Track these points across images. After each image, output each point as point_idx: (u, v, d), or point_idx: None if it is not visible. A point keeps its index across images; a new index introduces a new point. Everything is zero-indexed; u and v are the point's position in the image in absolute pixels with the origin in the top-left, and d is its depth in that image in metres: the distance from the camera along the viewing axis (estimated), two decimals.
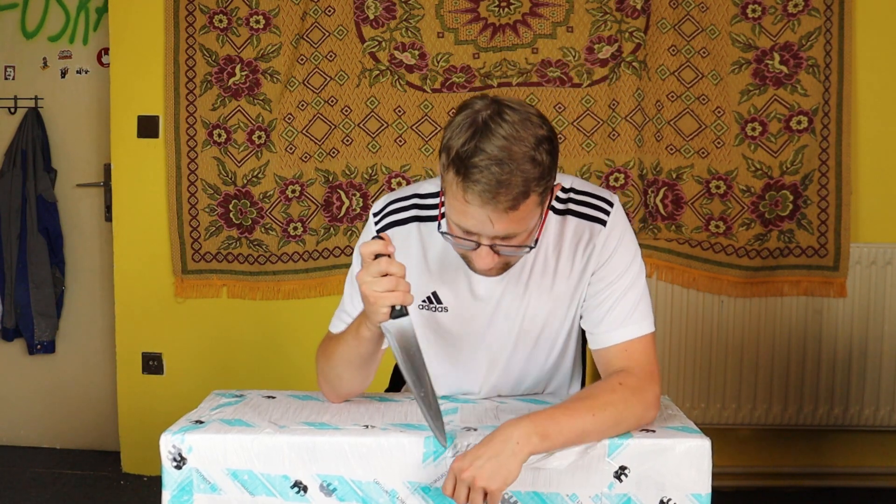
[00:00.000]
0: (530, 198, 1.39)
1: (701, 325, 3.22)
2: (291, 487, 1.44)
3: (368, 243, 1.41)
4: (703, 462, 1.43)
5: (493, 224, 1.39)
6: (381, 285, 1.39)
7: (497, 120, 1.38)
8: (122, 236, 3.42)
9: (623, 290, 1.58)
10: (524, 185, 1.36)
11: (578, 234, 1.60)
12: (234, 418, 1.53)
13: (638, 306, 1.58)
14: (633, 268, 1.60)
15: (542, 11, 3.21)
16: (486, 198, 1.36)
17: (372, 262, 1.40)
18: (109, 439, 3.66)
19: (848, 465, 3.32)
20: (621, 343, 1.57)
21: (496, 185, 1.35)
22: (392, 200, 1.69)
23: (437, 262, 1.64)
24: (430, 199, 1.66)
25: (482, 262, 1.45)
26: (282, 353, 3.40)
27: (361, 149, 3.27)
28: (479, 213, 1.38)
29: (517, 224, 1.41)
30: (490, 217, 1.38)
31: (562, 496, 1.43)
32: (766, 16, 3.15)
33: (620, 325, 1.57)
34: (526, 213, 1.40)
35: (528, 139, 1.37)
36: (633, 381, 1.51)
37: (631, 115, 3.17)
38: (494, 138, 1.36)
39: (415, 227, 1.65)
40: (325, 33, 3.25)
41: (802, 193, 3.17)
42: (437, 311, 1.66)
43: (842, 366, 3.19)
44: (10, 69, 3.66)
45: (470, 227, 1.41)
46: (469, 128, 1.38)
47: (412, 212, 1.66)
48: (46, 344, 3.69)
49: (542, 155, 1.38)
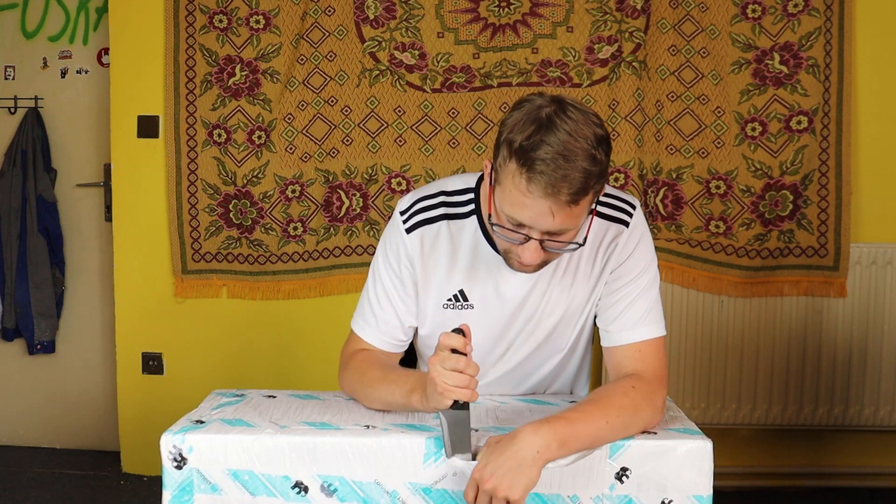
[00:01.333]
0: (588, 195, 1.41)
1: (701, 325, 3.22)
2: (292, 488, 1.44)
3: (448, 336, 1.40)
4: (705, 463, 1.43)
5: (554, 217, 1.40)
6: (453, 379, 1.39)
7: (561, 116, 1.40)
8: (122, 236, 3.42)
9: (640, 290, 1.61)
10: (584, 182, 1.39)
11: (601, 234, 1.62)
12: (234, 418, 1.53)
13: (653, 308, 1.62)
14: (651, 270, 1.64)
15: (542, 11, 3.21)
16: (549, 190, 1.37)
17: (450, 356, 1.39)
18: (109, 439, 3.66)
19: (848, 465, 3.32)
20: (635, 343, 1.59)
21: (560, 178, 1.37)
22: (419, 198, 1.69)
23: (465, 260, 1.65)
24: (457, 196, 1.67)
25: (529, 256, 1.46)
26: (282, 352, 3.40)
27: (361, 149, 3.27)
28: (539, 205, 1.39)
29: (573, 220, 1.43)
30: (551, 209, 1.39)
31: (563, 497, 1.43)
32: (766, 16, 3.15)
33: (635, 325, 1.60)
34: (582, 210, 1.43)
35: (590, 137, 1.40)
36: (644, 386, 1.52)
37: (631, 115, 3.17)
38: (559, 133, 1.38)
39: (444, 225, 1.66)
40: (325, 33, 3.25)
41: (802, 193, 3.17)
42: (463, 310, 1.67)
43: (842, 366, 3.19)
44: (10, 69, 3.66)
45: (525, 219, 1.42)
46: (532, 122, 1.40)
47: (441, 210, 1.66)
48: (46, 344, 3.69)
49: (601, 154, 1.41)
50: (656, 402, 1.52)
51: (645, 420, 1.49)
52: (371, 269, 1.73)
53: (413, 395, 1.51)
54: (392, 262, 1.68)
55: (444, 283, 1.66)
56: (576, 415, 1.42)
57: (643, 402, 1.49)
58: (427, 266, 1.66)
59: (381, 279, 1.70)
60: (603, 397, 1.48)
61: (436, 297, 1.67)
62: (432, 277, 1.66)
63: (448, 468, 1.42)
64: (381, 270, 1.70)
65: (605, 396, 1.48)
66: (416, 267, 1.66)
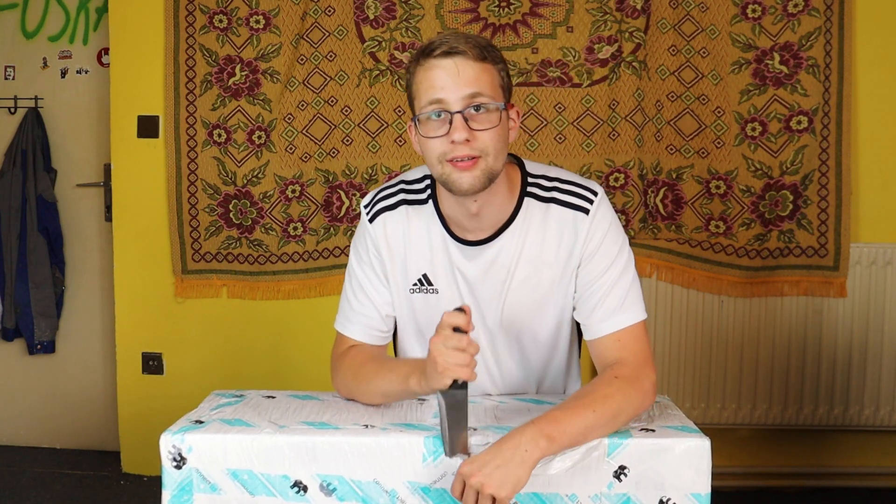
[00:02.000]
0: (490, 64, 1.53)
1: (701, 325, 3.22)
2: (291, 487, 1.44)
3: (452, 314, 1.41)
4: (703, 462, 1.43)
5: (459, 73, 1.49)
6: (454, 358, 1.39)
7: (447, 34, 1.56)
8: (122, 236, 3.42)
9: (613, 280, 1.61)
10: (483, 50, 1.52)
11: (562, 221, 1.63)
12: (234, 418, 1.53)
13: (628, 295, 1.61)
14: (622, 258, 1.63)
15: (542, 11, 3.21)
16: (450, 48, 1.50)
17: (452, 335, 1.40)
18: (109, 439, 3.67)
19: (848, 465, 3.32)
20: (614, 333, 1.60)
21: (456, 39, 1.51)
22: (379, 190, 1.75)
23: (424, 243, 1.69)
24: (416, 184, 1.72)
25: (458, 134, 1.50)
26: (282, 352, 3.40)
27: (361, 149, 3.27)
28: (447, 67, 1.51)
29: (484, 83, 1.52)
30: (456, 66, 1.50)
31: (561, 496, 1.43)
32: (766, 16, 3.15)
33: (612, 314, 1.60)
34: (489, 79, 1.53)
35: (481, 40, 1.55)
36: (628, 372, 1.53)
37: (631, 115, 3.17)
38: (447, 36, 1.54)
39: (404, 211, 1.70)
40: (325, 33, 3.25)
41: (802, 193, 3.17)
42: (430, 294, 1.70)
43: (842, 366, 3.19)
44: (10, 69, 3.66)
45: (438, 91, 1.51)
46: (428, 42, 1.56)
47: (400, 196, 1.72)
48: (46, 344, 3.69)
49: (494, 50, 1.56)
50: (644, 386, 1.52)
51: (635, 405, 1.49)
52: (346, 269, 1.78)
53: (411, 378, 1.52)
54: (362, 255, 1.73)
55: (407, 267, 1.70)
56: (561, 411, 1.43)
57: (629, 389, 1.49)
58: (391, 252, 1.70)
59: (354, 275, 1.75)
60: (588, 392, 1.49)
61: (403, 282, 1.71)
62: (397, 263, 1.71)
63: (447, 467, 1.42)
64: (353, 266, 1.75)
65: (591, 391, 1.49)
66: (383, 254, 1.71)
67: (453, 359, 1.39)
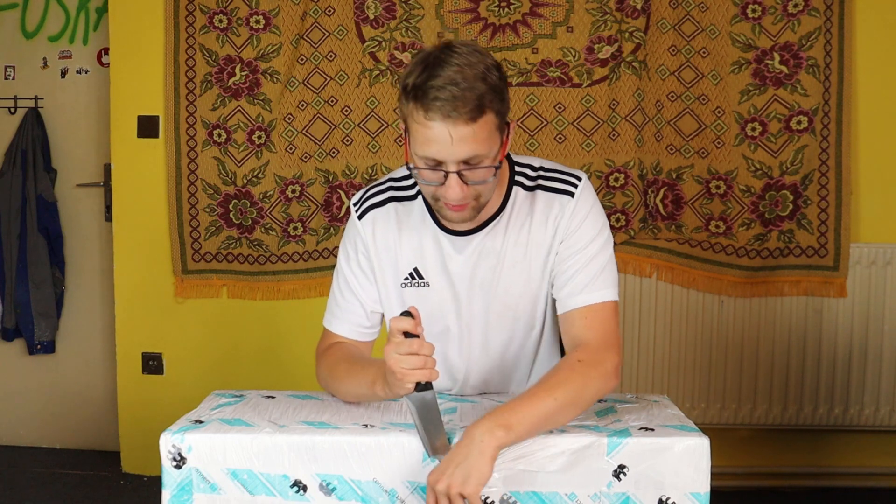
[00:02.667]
0: (487, 114, 1.46)
1: (701, 325, 3.22)
2: (291, 487, 1.44)
3: (398, 320, 1.42)
4: (702, 461, 1.43)
5: (455, 141, 1.45)
6: (409, 363, 1.40)
7: (448, 52, 1.48)
8: (122, 236, 3.42)
9: (589, 257, 1.63)
10: (479, 100, 1.45)
11: (548, 205, 1.65)
12: (233, 418, 1.53)
13: (602, 273, 1.63)
14: (600, 238, 1.65)
15: (542, 11, 3.21)
16: (445, 111, 1.43)
17: (402, 341, 1.41)
18: (109, 439, 3.66)
19: (848, 465, 3.32)
20: (582, 307, 1.61)
21: (453, 99, 1.43)
22: (368, 188, 1.77)
23: (415, 238, 1.70)
24: (404, 180, 1.74)
25: (453, 193, 1.50)
26: (282, 352, 3.40)
27: (361, 149, 3.27)
28: (441, 132, 1.45)
29: (479, 143, 1.47)
30: (451, 133, 1.45)
31: (560, 495, 1.42)
32: (766, 16, 3.15)
33: (583, 290, 1.61)
34: (485, 133, 1.47)
35: (478, 65, 1.47)
36: (590, 356, 1.54)
37: (631, 115, 3.17)
38: (448, 66, 1.46)
39: (392, 208, 1.72)
40: (325, 33, 3.25)
41: (802, 193, 3.17)
42: (421, 287, 1.71)
43: (842, 366, 3.19)
44: (10, 69, 3.66)
45: (434, 152, 1.47)
46: (421, 63, 1.48)
47: (388, 193, 1.73)
48: (46, 344, 3.69)
49: (493, 77, 1.48)
50: (605, 369, 1.53)
51: (596, 388, 1.51)
52: (335, 266, 1.80)
53: (376, 385, 1.54)
54: (350, 253, 1.75)
55: (398, 262, 1.71)
56: (519, 399, 1.44)
57: (591, 372, 1.50)
58: (380, 248, 1.72)
59: (342, 272, 1.76)
60: (549, 377, 1.50)
61: (393, 278, 1.72)
62: (387, 258, 1.72)
63: None
64: (341, 264, 1.77)
65: (552, 375, 1.50)
66: (371, 250, 1.72)
67: (408, 364, 1.40)
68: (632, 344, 3.22)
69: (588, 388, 1.49)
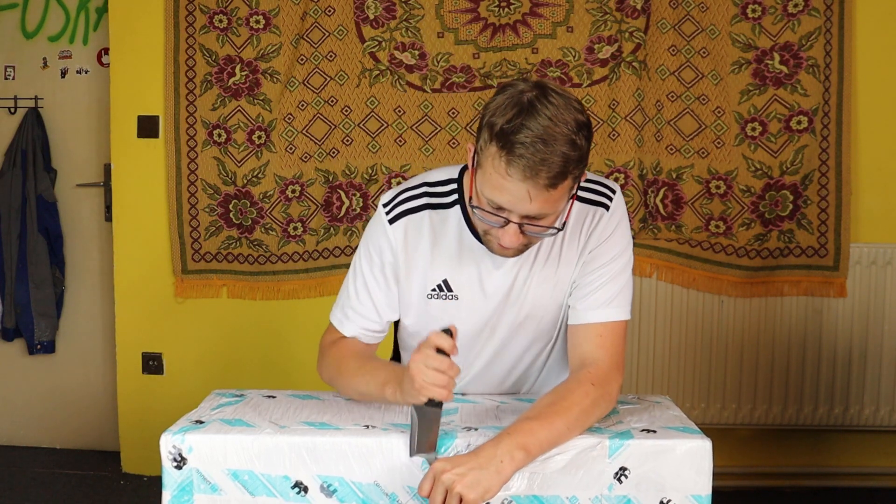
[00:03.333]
0: (567, 180, 1.44)
1: (701, 325, 3.22)
2: (292, 488, 1.44)
3: (439, 336, 1.40)
4: (704, 463, 1.43)
5: (532, 200, 1.42)
6: (432, 378, 1.39)
7: (543, 101, 1.43)
8: (122, 236, 3.42)
9: (613, 273, 1.62)
10: (563, 166, 1.41)
11: (582, 217, 1.64)
12: (234, 418, 1.53)
13: (621, 292, 1.63)
14: (625, 256, 1.65)
15: (542, 11, 3.21)
16: (528, 173, 1.39)
17: (434, 355, 1.40)
18: (109, 439, 3.66)
19: (848, 465, 3.32)
20: (598, 323, 1.61)
21: (539, 161, 1.39)
22: (402, 190, 1.70)
23: (448, 250, 1.66)
24: (439, 186, 1.68)
25: (508, 239, 1.48)
26: (282, 352, 3.40)
27: (361, 149, 3.27)
28: (518, 188, 1.41)
29: (551, 204, 1.44)
30: (529, 192, 1.41)
31: (561, 498, 1.42)
32: (766, 16, 3.15)
33: (602, 305, 1.61)
34: (561, 195, 1.45)
35: (570, 122, 1.43)
36: (601, 378, 1.54)
37: (631, 115, 3.17)
38: (540, 118, 1.40)
39: (427, 215, 1.67)
40: (325, 33, 3.25)
41: (802, 193, 3.17)
42: (448, 300, 1.67)
43: (842, 366, 3.19)
44: (10, 69, 3.66)
45: (504, 202, 1.44)
46: (514, 106, 1.42)
47: (424, 199, 1.68)
48: (46, 344, 3.69)
49: (581, 139, 1.44)
50: (612, 392, 1.55)
51: (602, 410, 1.53)
52: (352, 263, 1.75)
53: (387, 387, 1.52)
54: (374, 255, 1.69)
55: (427, 272, 1.67)
56: (537, 422, 1.43)
57: (601, 400, 1.52)
58: (410, 256, 1.67)
59: (361, 272, 1.71)
60: (563, 398, 1.48)
61: (420, 288, 1.68)
62: (415, 267, 1.67)
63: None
64: (362, 264, 1.71)
65: (566, 398, 1.48)
66: (399, 258, 1.67)
67: (432, 378, 1.39)
68: (632, 344, 3.22)
69: (596, 411, 1.50)
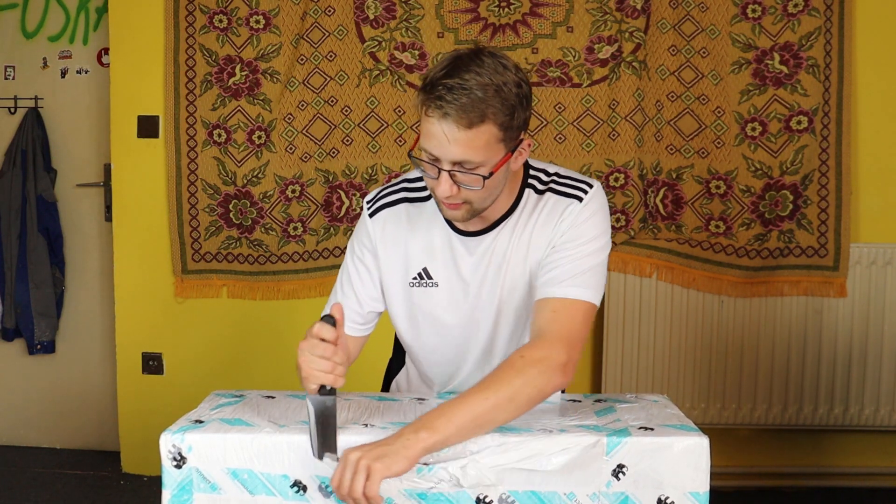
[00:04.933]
0: (486, 124, 1.48)
1: (701, 325, 3.22)
2: (291, 487, 1.44)
3: (321, 326, 1.44)
4: (702, 460, 1.43)
5: (450, 142, 1.47)
6: (318, 365, 1.42)
7: (473, 57, 1.51)
8: (122, 236, 3.43)
9: (579, 255, 1.61)
10: (480, 108, 1.47)
11: (554, 208, 1.66)
12: (233, 418, 1.53)
13: (587, 273, 1.61)
14: (597, 242, 1.64)
15: (542, 11, 3.21)
16: (444, 111, 1.46)
17: (318, 344, 1.43)
18: (109, 439, 3.67)
19: (848, 465, 3.32)
20: (555, 298, 1.59)
21: (453, 100, 1.46)
22: (384, 187, 1.79)
23: (425, 240, 1.72)
24: (417, 182, 1.75)
25: (441, 189, 1.53)
26: (282, 352, 3.40)
27: (361, 149, 3.28)
28: (437, 129, 1.48)
29: (473, 150, 1.49)
30: (445, 133, 1.47)
31: (559, 495, 1.42)
32: (766, 16, 3.15)
33: (562, 282, 1.60)
34: (482, 141, 1.49)
35: (496, 76, 1.49)
36: (537, 352, 1.51)
37: (631, 115, 3.17)
38: (464, 69, 1.48)
39: (404, 208, 1.74)
40: (325, 33, 3.25)
41: (802, 193, 3.17)
42: (429, 287, 1.73)
43: (842, 366, 3.19)
44: (10, 69, 3.66)
45: (432, 147, 1.51)
46: (447, 61, 1.52)
47: (401, 194, 1.76)
48: (46, 344, 3.69)
49: (507, 91, 1.50)
50: (550, 365, 1.49)
51: (537, 386, 1.47)
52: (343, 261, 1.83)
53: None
54: (356, 249, 1.77)
55: (407, 262, 1.73)
56: (451, 402, 1.44)
57: (531, 370, 1.47)
58: (389, 247, 1.74)
59: (346, 268, 1.79)
60: (490, 376, 1.48)
61: (402, 277, 1.74)
62: (396, 258, 1.74)
63: (444, 473, 1.42)
64: (346, 259, 1.80)
65: (493, 375, 1.48)
66: (379, 249, 1.74)
67: (317, 365, 1.42)
68: (632, 344, 3.22)
69: (528, 385, 1.46)
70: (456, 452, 1.42)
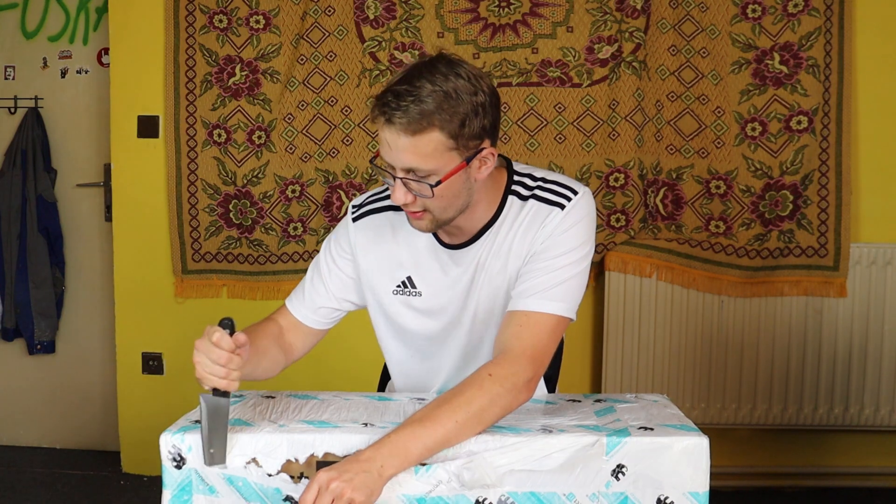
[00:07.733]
0: (433, 132, 1.46)
1: (701, 325, 3.22)
2: (283, 501, 1.43)
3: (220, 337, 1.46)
4: (701, 460, 1.42)
5: (395, 148, 1.47)
6: (211, 369, 1.45)
7: (428, 66, 1.49)
8: (122, 236, 3.43)
9: (554, 267, 1.59)
10: (424, 116, 1.45)
11: (537, 216, 1.62)
12: (233, 418, 1.53)
13: (560, 286, 1.58)
14: (575, 253, 1.60)
15: (542, 11, 3.21)
16: (386, 116, 1.46)
17: (212, 348, 1.45)
18: (109, 439, 3.67)
19: (848, 465, 3.32)
20: (522, 311, 1.57)
21: (398, 107, 1.45)
22: (372, 193, 1.79)
23: (409, 249, 1.71)
24: None
25: (395, 195, 1.53)
26: None
27: (361, 149, 3.28)
28: (385, 136, 1.49)
29: (419, 158, 1.48)
30: (392, 140, 1.47)
31: (559, 495, 1.42)
32: (766, 16, 3.15)
33: (532, 295, 1.57)
34: (429, 149, 1.47)
35: (447, 83, 1.47)
36: (503, 370, 1.49)
37: (631, 115, 3.17)
38: (418, 77, 1.47)
39: (388, 216, 1.74)
40: (325, 33, 3.25)
41: (802, 193, 3.17)
42: (412, 296, 1.72)
43: (842, 366, 3.19)
44: (10, 69, 3.66)
45: (384, 154, 1.52)
46: (404, 70, 1.51)
47: (388, 202, 1.74)
48: (46, 344, 3.69)
49: (458, 98, 1.46)
50: (515, 383, 1.48)
51: (502, 406, 1.46)
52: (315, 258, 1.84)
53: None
54: (332, 248, 1.78)
55: (391, 270, 1.73)
56: (420, 421, 1.41)
57: (498, 388, 1.46)
58: (373, 255, 1.74)
59: (317, 264, 1.80)
60: (456, 393, 1.46)
61: (386, 285, 1.74)
62: (379, 265, 1.74)
63: (444, 475, 1.41)
64: (321, 256, 1.81)
65: (459, 392, 1.46)
66: (359, 255, 1.74)
67: (210, 369, 1.45)
68: (632, 344, 3.22)
69: (494, 404, 1.45)
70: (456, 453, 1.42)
